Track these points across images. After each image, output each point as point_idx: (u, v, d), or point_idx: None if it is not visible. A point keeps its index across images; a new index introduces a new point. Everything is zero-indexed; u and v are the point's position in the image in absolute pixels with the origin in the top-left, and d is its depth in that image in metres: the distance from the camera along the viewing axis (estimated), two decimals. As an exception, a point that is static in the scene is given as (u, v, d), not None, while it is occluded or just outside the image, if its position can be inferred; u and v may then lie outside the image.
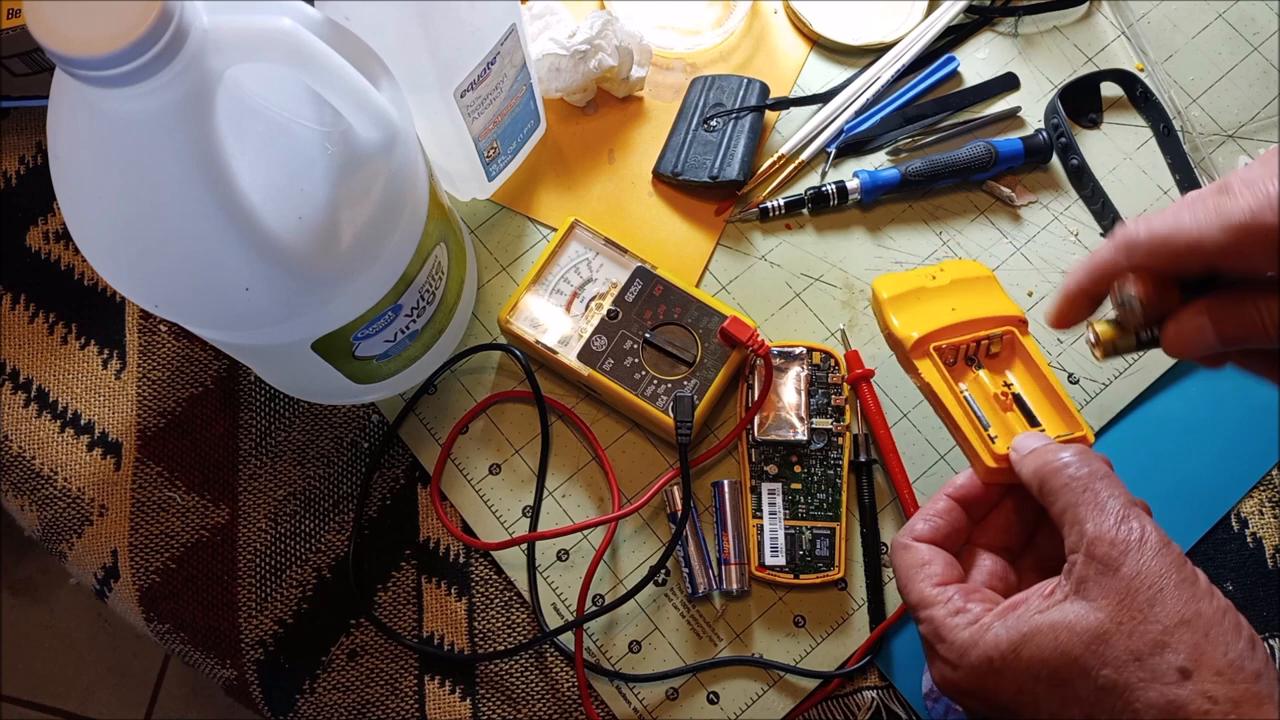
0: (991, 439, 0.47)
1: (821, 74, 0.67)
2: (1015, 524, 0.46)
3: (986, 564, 0.45)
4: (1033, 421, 0.48)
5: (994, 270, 0.62)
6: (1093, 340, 0.43)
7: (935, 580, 0.43)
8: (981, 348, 0.50)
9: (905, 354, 0.49)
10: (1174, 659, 0.35)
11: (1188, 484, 0.58)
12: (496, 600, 0.58)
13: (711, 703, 0.55)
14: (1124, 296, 0.42)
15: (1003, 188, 0.63)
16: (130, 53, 0.34)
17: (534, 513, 0.58)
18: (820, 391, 0.58)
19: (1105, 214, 0.62)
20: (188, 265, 0.42)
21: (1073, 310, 0.44)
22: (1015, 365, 0.50)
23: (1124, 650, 0.36)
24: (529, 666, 0.57)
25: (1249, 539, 0.57)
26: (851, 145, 0.65)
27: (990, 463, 0.45)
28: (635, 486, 0.59)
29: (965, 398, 0.48)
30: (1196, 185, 0.62)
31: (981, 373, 0.50)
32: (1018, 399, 0.49)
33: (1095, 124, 0.65)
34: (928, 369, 0.48)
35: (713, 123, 0.64)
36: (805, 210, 0.63)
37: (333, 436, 0.61)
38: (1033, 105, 0.66)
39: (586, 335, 0.58)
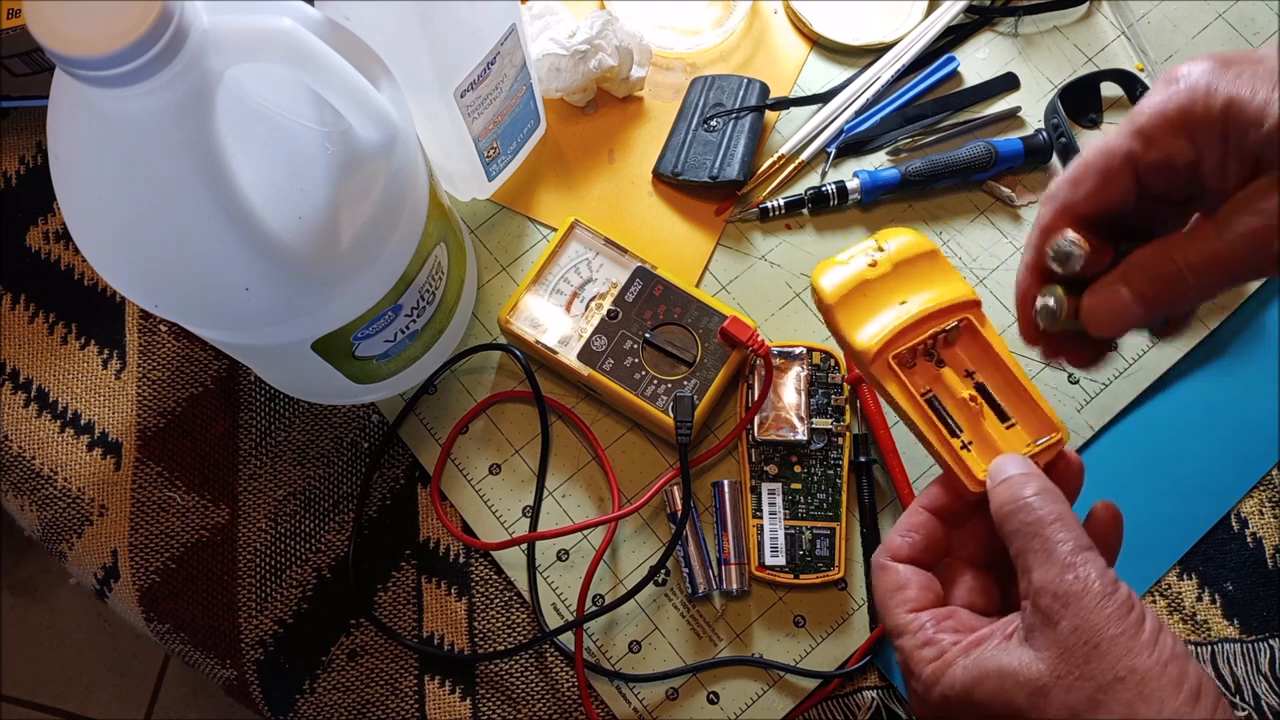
0: (966, 446, 0.46)
1: (821, 74, 0.67)
2: (992, 532, 0.45)
3: (967, 580, 0.45)
4: (1003, 418, 0.46)
5: (992, 270, 0.62)
6: (1053, 306, 0.41)
7: (910, 606, 0.43)
8: (939, 340, 0.47)
9: (865, 367, 0.47)
10: (1107, 718, 0.36)
11: (1188, 484, 0.58)
12: (496, 600, 0.58)
13: (711, 703, 0.55)
14: (1058, 248, 0.40)
15: (1003, 188, 0.63)
16: (130, 53, 0.34)
17: (534, 513, 0.58)
18: (820, 391, 0.58)
19: (1105, 214, 0.62)
20: (188, 265, 0.42)
21: (1035, 284, 0.43)
22: (976, 353, 0.48)
23: (1062, 705, 0.37)
24: (529, 666, 0.57)
25: (1249, 539, 0.57)
26: (851, 145, 0.65)
27: (972, 488, 0.45)
28: (635, 486, 0.59)
29: (935, 408, 0.46)
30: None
31: (945, 370, 0.47)
32: (988, 398, 0.47)
33: (1095, 124, 0.65)
34: (890, 385, 0.46)
35: (713, 123, 0.64)
36: (805, 210, 0.63)
37: (333, 436, 0.61)
38: (1033, 105, 0.66)
39: (586, 335, 0.58)
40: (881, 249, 0.48)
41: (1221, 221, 0.37)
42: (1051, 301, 0.41)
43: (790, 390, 0.58)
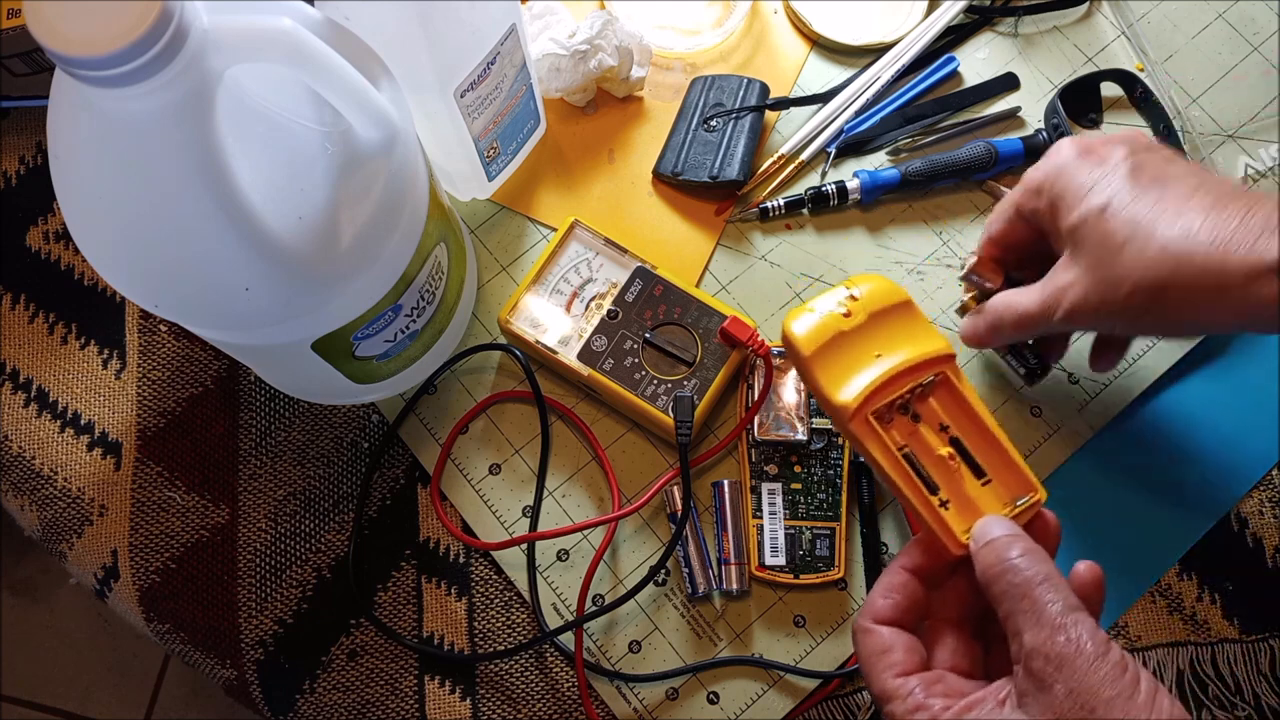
0: (944, 504, 0.45)
1: (821, 74, 0.67)
2: (975, 593, 0.45)
3: (950, 642, 0.44)
4: (979, 474, 0.46)
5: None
6: (959, 307, 0.55)
7: (897, 670, 0.42)
8: (915, 395, 0.47)
9: (844, 424, 0.46)
10: None
11: (1188, 484, 0.58)
12: (496, 600, 0.58)
13: (711, 703, 0.55)
14: (963, 261, 0.54)
15: (1002, 188, 0.63)
16: (130, 53, 0.34)
17: (534, 513, 0.58)
18: (820, 391, 0.58)
19: (1105, 214, 0.62)
20: (188, 265, 0.42)
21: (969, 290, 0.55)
22: (952, 408, 0.47)
23: None
24: (529, 666, 0.57)
25: (1249, 539, 0.57)
26: (851, 145, 0.65)
27: (955, 551, 0.44)
28: (635, 486, 0.59)
29: (912, 465, 0.46)
30: (1196, 185, 0.63)
31: (921, 426, 0.47)
32: (964, 454, 0.47)
33: (1095, 124, 0.65)
34: (869, 442, 0.45)
35: (713, 123, 0.64)
36: (805, 210, 0.63)
37: (333, 436, 0.61)
38: (1033, 105, 0.66)
39: (586, 335, 0.58)
40: (854, 296, 0.48)
41: (1036, 285, 0.49)
42: (960, 302, 0.55)
43: (790, 390, 0.58)
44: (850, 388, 0.46)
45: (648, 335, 0.58)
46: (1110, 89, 0.66)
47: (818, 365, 0.46)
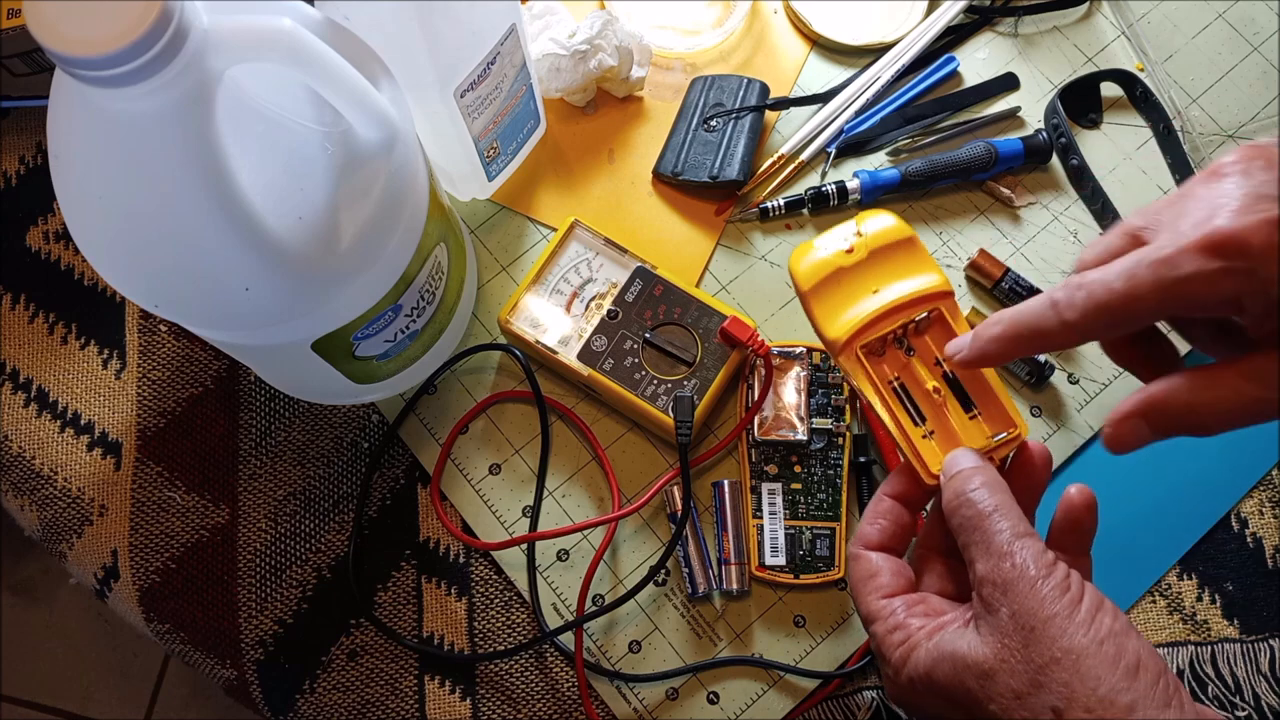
0: (929, 435, 0.47)
1: (821, 74, 0.67)
2: None
3: (938, 568, 0.46)
4: (968, 407, 0.47)
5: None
6: None
7: (882, 593, 0.44)
8: (910, 329, 0.48)
9: (834, 355, 0.48)
10: (1048, 698, 0.37)
11: (1188, 484, 0.58)
12: (496, 600, 0.58)
13: (711, 703, 0.55)
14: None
15: (1002, 188, 0.63)
16: (130, 53, 0.34)
17: (534, 513, 0.58)
18: (820, 391, 0.58)
19: (1105, 214, 0.62)
20: (188, 265, 0.42)
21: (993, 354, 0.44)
22: (943, 344, 0.48)
23: (1006, 688, 0.38)
24: (529, 666, 0.57)
25: (1249, 539, 0.57)
26: (851, 145, 0.65)
27: (928, 480, 0.46)
28: (635, 486, 0.59)
29: (899, 396, 0.47)
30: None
31: (915, 359, 0.48)
32: (956, 388, 0.48)
33: (1095, 124, 0.65)
34: (856, 374, 0.47)
35: (713, 123, 0.64)
36: (805, 210, 0.63)
37: (333, 436, 0.61)
38: (1033, 105, 0.66)
39: (586, 335, 0.58)
40: (860, 233, 0.49)
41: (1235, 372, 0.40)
42: None
43: (790, 390, 0.58)
44: (842, 322, 0.47)
45: (648, 335, 0.58)
46: (1110, 89, 0.66)
47: (815, 300, 0.48)
